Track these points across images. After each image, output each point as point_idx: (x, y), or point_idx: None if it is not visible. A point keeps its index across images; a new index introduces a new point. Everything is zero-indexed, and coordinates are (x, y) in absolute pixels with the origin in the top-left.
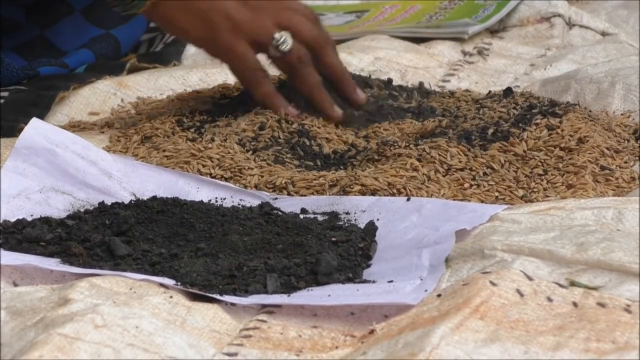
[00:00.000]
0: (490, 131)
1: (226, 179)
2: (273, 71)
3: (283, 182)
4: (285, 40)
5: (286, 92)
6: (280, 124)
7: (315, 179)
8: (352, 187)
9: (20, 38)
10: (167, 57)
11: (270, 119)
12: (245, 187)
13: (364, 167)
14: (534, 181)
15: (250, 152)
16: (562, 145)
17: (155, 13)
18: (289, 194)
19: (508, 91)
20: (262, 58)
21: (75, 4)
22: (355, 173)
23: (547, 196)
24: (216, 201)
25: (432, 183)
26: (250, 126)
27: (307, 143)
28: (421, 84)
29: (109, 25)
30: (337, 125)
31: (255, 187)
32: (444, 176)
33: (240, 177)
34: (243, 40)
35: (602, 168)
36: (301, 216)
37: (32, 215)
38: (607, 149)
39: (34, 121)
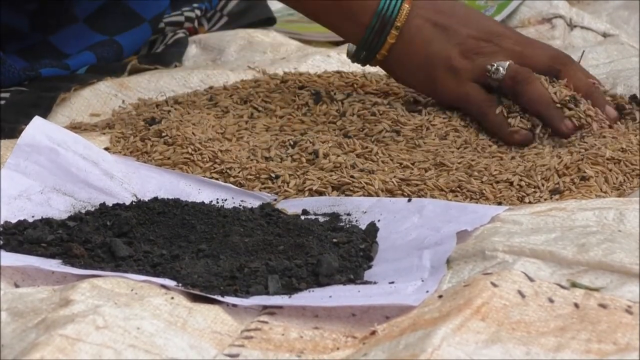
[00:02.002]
0: None
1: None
2: None
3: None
4: (497, 68)
5: None
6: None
7: None
8: None
9: (23, 44)
10: (168, 58)
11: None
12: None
13: None
14: None
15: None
16: None
17: (384, 66)
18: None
19: None
20: None
21: (79, 13)
22: None
23: None
24: (217, 202)
25: None
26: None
27: None
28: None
29: (113, 32)
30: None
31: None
32: None
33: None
34: (465, 81)
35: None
36: (302, 217)
37: (33, 217)
38: None
39: (36, 119)
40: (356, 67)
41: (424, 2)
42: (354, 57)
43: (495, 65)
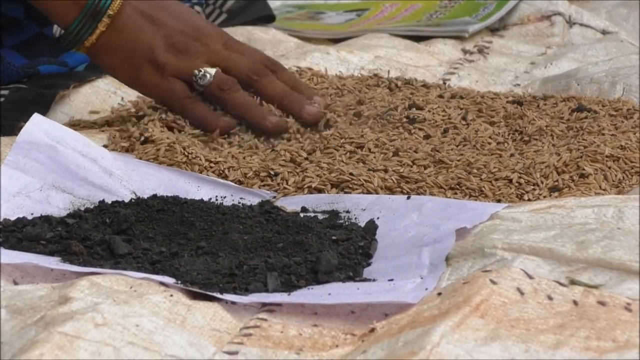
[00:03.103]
0: None
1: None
2: None
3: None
4: (204, 74)
5: None
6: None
7: None
8: None
9: (20, 36)
10: None
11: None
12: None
13: None
14: None
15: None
16: None
17: (91, 54)
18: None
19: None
20: None
21: None
22: None
23: None
24: (216, 200)
25: None
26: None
27: None
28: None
29: None
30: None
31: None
32: None
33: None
34: (168, 76)
35: None
36: (301, 215)
37: (32, 214)
38: None
39: (35, 116)
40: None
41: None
42: (64, 37)
43: (203, 71)
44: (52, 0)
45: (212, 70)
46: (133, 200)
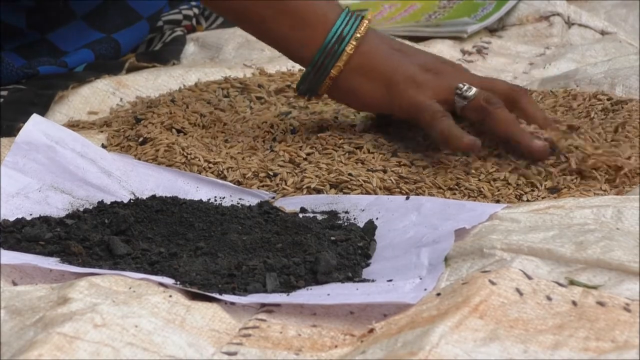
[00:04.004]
0: None
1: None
2: None
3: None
4: (469, 87)
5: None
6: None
7: None
8: None
9: (21, 41)
10: (166, 56)
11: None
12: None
13: None
14: None
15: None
16: None
17: (337, 89)
18: None
19: None
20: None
21: (77, 10)
22: None
23: None
24: (215, 200)
25: None
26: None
27: None
28: None
29: (111, 30)
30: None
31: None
32: None
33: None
34: (426, 94)
35: None
36: (300, 215)
37: (31, 215)
38: None
39: (34, 117)
40: None
41: (377, 31)
42: (302, 81)
43: (467, 85)
44: (293, 39)
45: (475, 87)
46: (132, 201)
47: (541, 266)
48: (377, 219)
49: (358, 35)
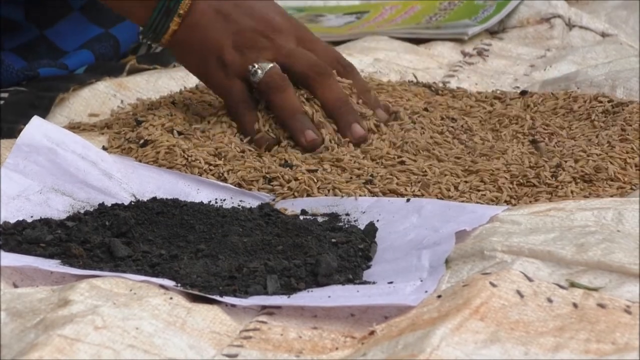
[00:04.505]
0: None
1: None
2: None
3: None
4: (256, 69)
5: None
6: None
7: None
8: None
9: (20, 39)
10: (167, 58)
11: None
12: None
13: None
14: None
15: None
16: None
17: (169, 49)
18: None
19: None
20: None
21: (73, 3)
22: None
23: None
24: (216, 202)
25: None
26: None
27: None
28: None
29: (108, 23)
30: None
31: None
32: None
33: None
34: (231, 76)
35: None
36: (301, 217)
37: (32, 217)
38: None
39: (35, 119)
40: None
41: None
42: (142, 35)
43: (256, 66)
44: (128, 2)
45: (267, 66)
46: (133, 203)
47: (542, 268)
48: (377, 221)
49: (181, 12)
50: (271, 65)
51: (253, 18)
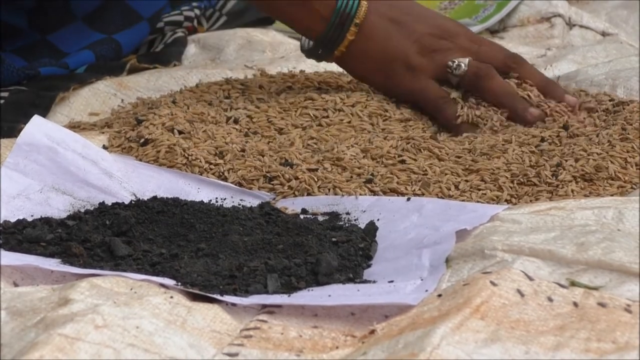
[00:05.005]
0: None
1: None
2: None
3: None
4: (458, 64)
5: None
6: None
7: None
8: None
9: (22, 41)
10: (168, 57)
11: None
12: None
13: None
14: None
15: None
16: None
17: (341, 63)
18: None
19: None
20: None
21: (76, 11)
22: None
23: None
24: (216, 201)
25: None
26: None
27: None
28: None
29: (112, 30)
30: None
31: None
32: None
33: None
34: (422, 78)
35: None
36: (301, 216)
37: (32, 216)
38: None
39: (35, 118)
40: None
41: (380, 0)
42: (310, 52)
43: (457, 61)
44: (298, 14)
45: (466, 60)
46: (133, 202)
47: (542, 267)
48: (378, 220)
49: (357, 21)
50: (469, 59)
51: (427, 24)
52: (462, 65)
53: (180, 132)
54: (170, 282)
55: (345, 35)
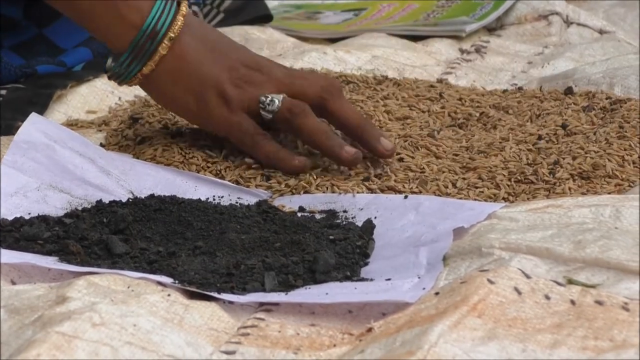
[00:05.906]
0: None
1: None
2: None
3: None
4: (272, 100)
5: None
6: None
7: None
8: None
9: (19, 37)
10: None
11: None
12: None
13: None
14: None
15: None
16: None
17: (149, 87)
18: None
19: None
20: None
21: None
22: None
23: None
24: (214, 199)
25: None
26: None
27: None
28: None
29: None
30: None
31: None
32: None
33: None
34: (236, 111)
35: None
36: (299, 214)
37: (29, 214)
38: None
39: (33, 116)
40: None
41: (194, 20)
42: (114, 70)
43: (270, 97)
44: (103, 18)
45: (280, 96)
46: (130, 200)
47: (540, 265)
48: (375, 218)
49: (172, 35)
50: (283, 95)
51: (242, 55)
52: (276, 101)
53: (177, 130)
54: (167, 280)
55: (157, 48)
